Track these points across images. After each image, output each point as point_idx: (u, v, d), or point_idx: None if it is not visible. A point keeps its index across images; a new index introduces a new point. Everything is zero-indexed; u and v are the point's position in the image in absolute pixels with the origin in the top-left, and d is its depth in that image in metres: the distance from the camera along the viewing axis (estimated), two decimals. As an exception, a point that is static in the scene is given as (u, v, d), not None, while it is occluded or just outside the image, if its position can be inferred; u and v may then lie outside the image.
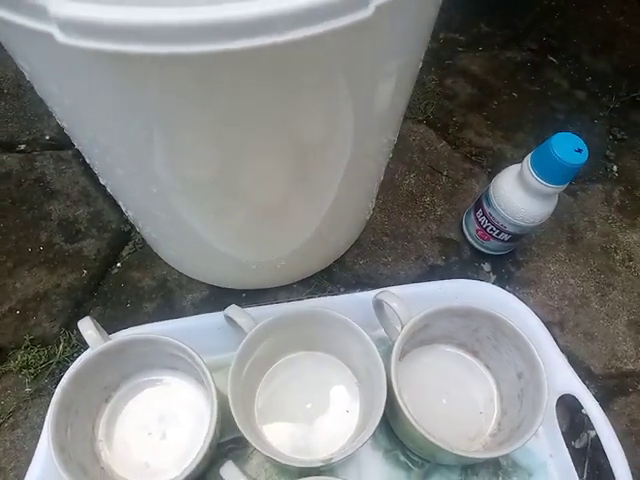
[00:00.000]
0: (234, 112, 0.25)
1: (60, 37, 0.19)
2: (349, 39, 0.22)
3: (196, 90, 0.23)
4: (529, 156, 0.41)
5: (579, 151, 0.38)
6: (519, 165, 0.43)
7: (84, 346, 0.37)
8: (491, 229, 0.46)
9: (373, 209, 0.52)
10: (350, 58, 0.24)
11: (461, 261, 0.50)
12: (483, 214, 0.46)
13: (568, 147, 0.39)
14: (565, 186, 0.41)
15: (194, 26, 0.19)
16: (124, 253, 0.50)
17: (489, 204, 0.45)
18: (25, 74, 0.27)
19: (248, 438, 0.34)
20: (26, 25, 0.20)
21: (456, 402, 0.41)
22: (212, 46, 0.19)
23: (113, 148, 0.29)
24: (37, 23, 0.20)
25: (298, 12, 0.19)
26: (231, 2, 0.19)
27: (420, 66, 0.34)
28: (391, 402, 0.36)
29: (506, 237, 0.46)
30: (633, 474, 0.41)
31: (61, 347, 0.44)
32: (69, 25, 0.19)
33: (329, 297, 0.44)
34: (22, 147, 0.55)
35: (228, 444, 0.40)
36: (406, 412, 0.34)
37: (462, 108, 0.61)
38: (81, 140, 0.31)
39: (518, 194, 0.42)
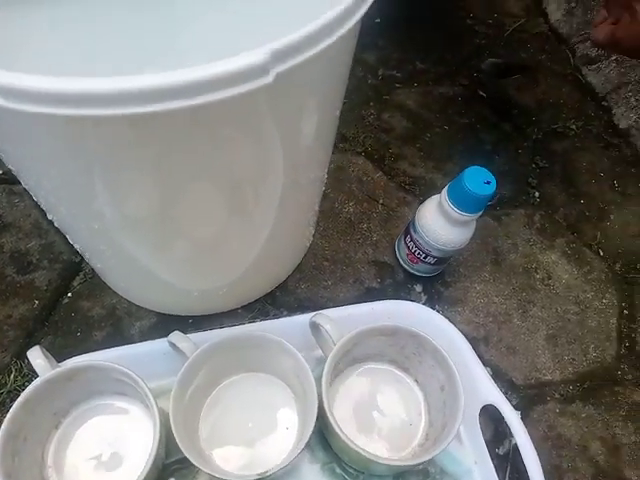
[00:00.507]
0: (167, 162, 0.28)
1: (1, 102, 0.22)
2: (257, 100, 0.26)
3: (129, 145, 0.26)
4: (446, 188, 0.46)
5: (488, 183, 0.43)
6: (439, 195, 0.47)
7: (35, 375, 0.39)
8: (419, 253, 0.50)
9: (314, 235, 0.56)
10: (262, 115, 0.28)
11: (395, 283, 0.54)
12: (411, 240, 0.51)
13: (478, 180, 0.43)
14: (479, 214, 0.46)
15: (121, 92, 0.22)
16: (75, 283, 0.52)
17: (415, 231, 0.49)
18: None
19: (189, 456, 0.36)
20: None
21: (387, 415, 0.45)
22: (137, 109, 0.23)
23: (55, 191, 0.31)
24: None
25: (208, 80, 0.22)
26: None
27: (339, 111, 0.37)
28: (323, 418, 0.39)
29: (432, 260, 0.50)
30: (551, 475, 0.46)
31: (12, 377, 0.46)
32: (9, 92, 0.22)
33: (270, 321, 0.47)
34: (-26, 182, 0.57)
35: (174, 464, 0.42)
36: (336, 427, 0.38)
37: (398, 140, 0.65)
38: (26, 182, 0.34)
39: (439, 222, 0.47)
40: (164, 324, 0.50)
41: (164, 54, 0.49)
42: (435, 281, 0.55)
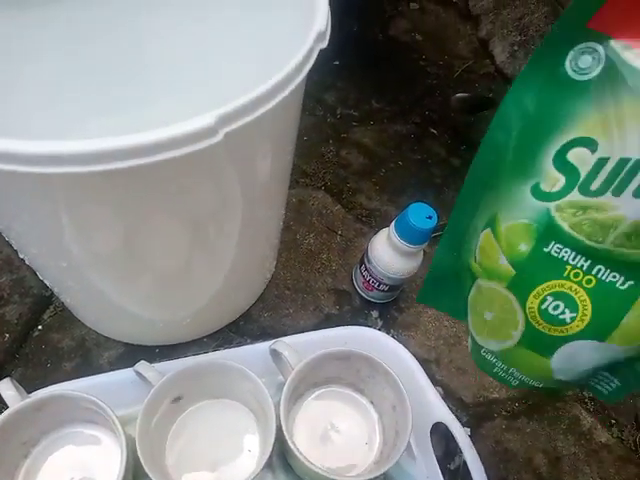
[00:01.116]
0: (129, 208, 0.31)
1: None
2: (208, 157, 0.29)
3: (94, 195, 0.29)
4: (393, 222, 0.50)
5: (429, 218, 0.47)
6: (388, 228, 0.51)
7: (5, 406, 0.41)
8: (372, 281, 0.54)
9: (276, 266, 0.59)
10: (215, 169, 0.31)
11: (353, 309, 0.58)
12: (366, 269, 0.55)
13: (421, 214, 0.47)
14: (424, 245, 0.50)
15: (82, 153, 0.25)
16: (45, 316, 0.54)
17: (369, 261, 0.53)
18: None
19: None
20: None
21: (344, 435, 0.48)
22: (98, 167, 0.26)
23: (25, 233, 0.34)
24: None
25: (164, 142, 0.26)
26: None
27: (291, 157, 0.41)
28: (283, 441, 0.42)
29: (385, 288, 0.54)
30: (498, 487, 0.49)
31: (-19, 409, 0.47)
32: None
33: (233, 349, 0.50)
34: (-54, 220, 0.59)
35: (142, 490, 0.44)
36: (294, 450, 0.40)
37: (355, 175, 0.70)
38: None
39: (388, 253, 0.51)
40: (132, 354, 0.52)
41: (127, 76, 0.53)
42: (390, 307, 0.58)
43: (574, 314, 0.26)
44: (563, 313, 0.27)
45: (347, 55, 0.82)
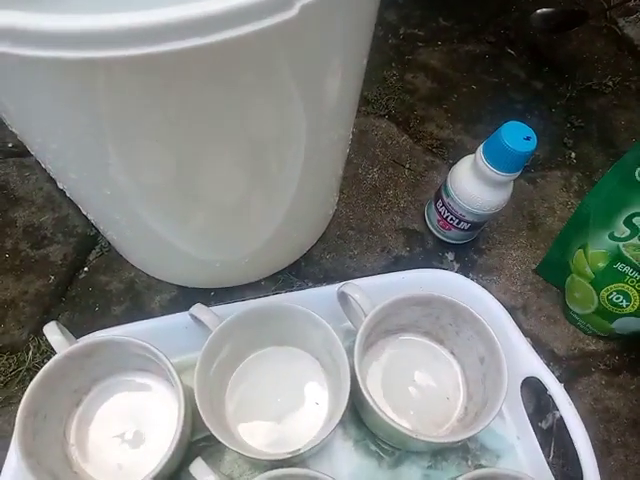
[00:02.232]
0: (181, 114, 0.25)
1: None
2: (279, 38, 0.23)
3: (139, 93, 0.23)
4: (481, 146, 0.43)
5: (528, 139, 0.40)
6: (473, 155, 0.44)
7: (53, 352, 0.37)
8: (451, 219, 0.47)
9: (338, 203, 0.53)
10: (285, 56, 0.25)
11: (425, 251, 0.52)
12: (443, 204, 0.48)
13: (517, 136, 0.40)
14: (517, 174, 0.42)
15: (126, 30, 0.19)
16: (91, 257, 0.50)
17: (448, 194, 0.46)
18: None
19: (216, 434, 0.34)
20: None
21: (423, 389, 0.43)
22: (146, 49, 0.20)
23: (63, 152, 0.29)
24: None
25: (223, 14, 0.20)
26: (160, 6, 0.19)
27: (366, 61, 0.34)
28: (356, 392, 0.37)
29: (466, 226, 0.47)
30: (598, 449, 0.43)
31: (30, 354, 0.44)
32: (8, 34, 0.19)
33: (295, 292, 0.45)
34: (-16, 156, 0.55)
35: (201, 442, 0.40)
36: (370, 402, 0.35)
37: (422, 102, 0.62)
38: (32, 145, 0.31)
39: (473, 183, 0.44)
40: (185, 297, 0.48)
41: None
42: (468, 248, 0.52)
43: (628, 302, 0.44)
44: (621, 301, 0.44)
45: (410, -33, 0.73)
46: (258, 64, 0.24)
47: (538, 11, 0.67)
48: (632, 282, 0.43)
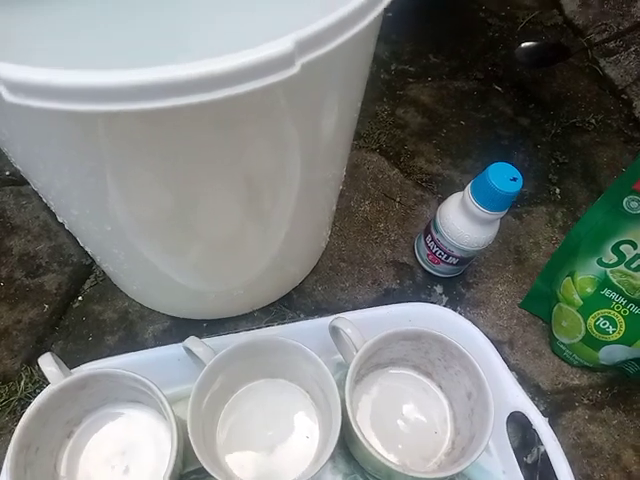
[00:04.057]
0: (182, 159, 0.26)
1: (7, 96, 0.20)
2: (280, 93, 0.24)
3: (143, 142, 0.24)
4: (469, 185, 0.44)
5: (514, 180, 0.41)
6: (462, 193, 0.45)
7: (46, 382, 0.37)
8: (440, 253, 0.49)
9: (330, 236, 0.54)
10: (285, 108, 0.26)
11: (415, 284, 0.53)
12: (432, 240, 0.49)
13: (504, 176, 0.41)
14: (504, 212, 0.44)
15: (136, 86, 0.20)
16: (85, 286, 0.50)
17: (437, 230, 0.48)
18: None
19: (207, 468, 0.35)
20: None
21: (412, 423, 0.43)
22: (154, 104, 0.21)
23: (66, 191, 0.30)
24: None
25: (232, 72, 0.21)
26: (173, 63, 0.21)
27: (360, 105, 0.36)
28: (346, 426, 0.38)
29: (454, 261, 0.49)
30: (581, 483, 0.44)
31: (22, 383, 0.44)
32: (15, 86, 0.20)
33: (288, 325, 0.45)
34: (-19, 183, 0.56)
35: (191, 475, 0.41)
36: (360, 435, 0.36)
37: (413, 137, 0.64)
38: (35, 183, 0.32)
39: (462, 221, 0.45)
40: (178, 328, 0.48)
41: (173, 49, 0.47)
42: (456, 282, 0.53)
43: (614, 329, 0.45)
44: (608, 328, 0.46)
45: (401, 5, 0.75)
46: (259, 115, 0.25)
47: (522, 45, 0.69)
48: (618, 308, 0.45)
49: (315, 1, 0.35)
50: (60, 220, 0.38)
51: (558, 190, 0.62)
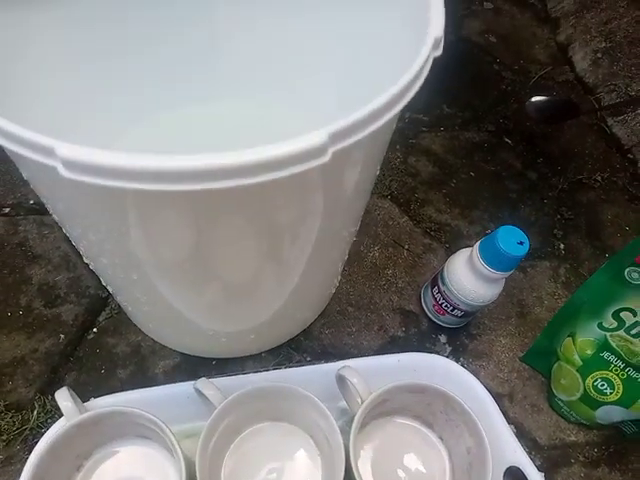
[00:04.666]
0: (213, 228, 0.28)
1: (62, 171, 0.22)
2: (312, 178, 0.26)
3: (179, 214, 0.26)
4: (478, 245, 0.46)
5: (521, 244, 0.43)
6: (470, 249, 0.47)
7: (58, 412, 0.39)
8: (446, 305, 0.50)
9: (339, 281, 0.56)
10: (315, 190, 0.28)
11: (419, 332, 0.54)
12: (439, 291, 0.51)
13: (511, 240, 0.43)
14: (510, 272, 0.45)
15: (184, 171, 0.22)
16: (100, 318, 0.52)
17: (444, 283, 0.49)
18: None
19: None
20: (38, 160, 0.23)
21: (412, 473, 0.44)
22: (194, 186, 0.23)
23: (99, 244, 0.32)
24: (45, 159, 0.23)
25: (271, 161, 0.23)
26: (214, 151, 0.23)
27: (378, 172, 0.38)
28: (349, 472, 0.39)
29: (459, 313, 0.50)
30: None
31: (35, 413, 0.45)
32: (71, 164, 0.22)
33: (294, 369, 0.47)
34: (6, 210, 0.58)
35: (195, 512, 0.42)
36: (363, 486, 0.37)
37: (423, 185, 0.66)
38: (69, 232, 0.34)
39: (468, 277, 0.47)
40: (188, 364, 0.50)
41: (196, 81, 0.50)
42: (460, 332, 0.54)
43: (612, 390, 0.47)
44: (606, 389, 0.47)
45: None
46: (290, 195, 0.27)
47: (533, 99, 0.71)
48: (616, 370, 0.46)
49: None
50: (86, 262, 0.40)
51: (562, 245, 0.63)
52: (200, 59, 0.50)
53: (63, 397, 0.39)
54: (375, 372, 0.43)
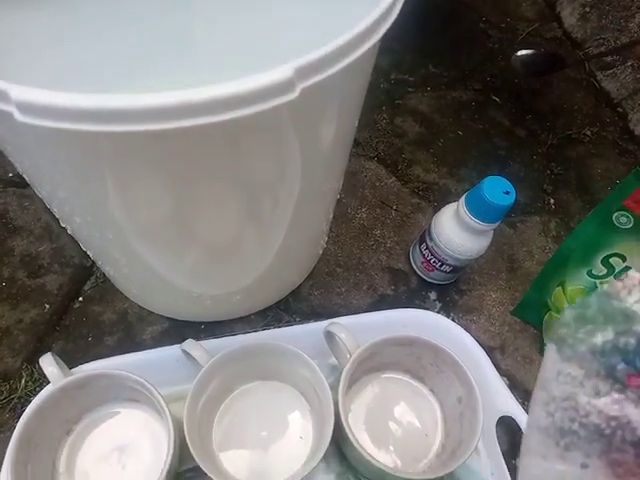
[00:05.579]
0: (185, 173, 0.27)
1: (19, 116, 0.21)
2: (281, 115, 0.25)
3: (149, 159, 0.25)
4: (464, 197, 0.45)
5: (507, 193, 0.42)
6: (456, 203, 0.47)
7: (46, 380, 0.38)
8: (434, 261, 0.50)
9: (327, 241, 0.55)
10: (285, 129, 0.27)
11: (409, 290, 0.54)
12: (427, 248, 0.50)
13: (497, 189, 0.42)
14: (497, 223, 0.45)
15: (143, 109, 0.21)
16: (86, 287, 0.51)
17: (431, 239, 0.49)
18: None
19: (203, 467, 0.36)
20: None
21: (403, 426, 0.44)
22: (160, 125, 0.22)
23: (70, 200, 0.31)
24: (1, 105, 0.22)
25: (237, 97, 0.22)
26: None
27: (357, 122, 0.37)
28: (339, 428, 0.39)
29: (448, 269, 0.50)
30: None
31: (23, 382, 0.45)
32: (25, 107, 0.21)
33: (283, 328, 0.46)
34: (-15, 184, 0.57)
35: (187, 473, 0.41)
36: (352, 439, 0.37)
37: (411, 145, 0.65)
38: (40, 191, 0.33)
39: (456, 231, 0.46)
40: (176, 329, 0.49)
41: (179, 62, 0.49)
42: (450, 289, 0.54)
43: None
44: None
45: (402, 16, 0.76)
46: (261, 136, 0.27)
47: (518, 53, 0.69)
48: None
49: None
50: (63, 225, 0.39)
51: (552, 200, 0.63)
52: (180, 41, 0.49)
53: (47, 362, 0.39)
54: (363, 329, 0.43)
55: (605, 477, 0.20)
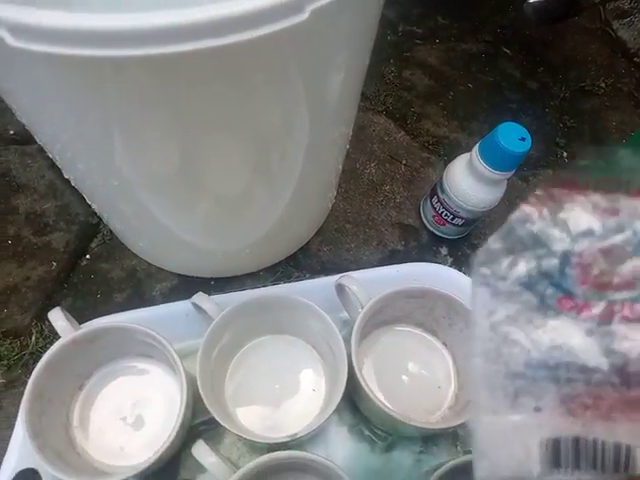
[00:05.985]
0: (190, 110, 0.26)
1: (10, 40, 0.20)
2: (290, 40, 0.24)
3: (151, 90, 0.24)
4: (477, 145, 0.44)
5: (523, 139, 0.41)
6: (469, 154, 0.45)
7: (56, 337, 0.38)
8: (446, 214, 0.49)
9: (336, 197, 0.54)
10: (293, 57, 0.26)
11: (420, 246, 0.53)
12: (438, 200, 0.49)
13: (513, 136, 0.41)
14: (512, 172, 0.44)
15: (143, 30, 0.20)
16: (93, 245, 0.51)
17: (443, 191, 0.48)
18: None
19: (217, 418, 0.35)
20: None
21: (416, 378, 0.44)
22: (161, 49, 0.21)
23: (72, 144, 0.30)
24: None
25: (241, 17, 0.21)
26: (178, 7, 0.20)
27: (368, 61, 0.35)
28: (352, 379, 0.38)
29: (460, 222, 0.49)
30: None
31: (33, 338, 0.45)
32: (18, 29, 0.20)
33: (294, 283, 0.46)
34: (-15, 143, 0.55)
35: (200, 426, 0.42)
36: (366, 388, 0.37)
37: (420, 99, 0.63)
38: (41, 136, 0.32)
39: (468, 181, 0.45)
40: (185, 286, 0.49)
41: None
42: (461, 243, 0.53)
43: None
44: None
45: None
46: (267, 64, 0.25)
47: (532, 0, 0.66)
48: None
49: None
50: (66, 176, 0.38)
51: (565, 154, 0.61)
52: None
53: (56, 317, 0.38)
54: (375, 282, 0.42)
55: (561, 417, 0.19)
